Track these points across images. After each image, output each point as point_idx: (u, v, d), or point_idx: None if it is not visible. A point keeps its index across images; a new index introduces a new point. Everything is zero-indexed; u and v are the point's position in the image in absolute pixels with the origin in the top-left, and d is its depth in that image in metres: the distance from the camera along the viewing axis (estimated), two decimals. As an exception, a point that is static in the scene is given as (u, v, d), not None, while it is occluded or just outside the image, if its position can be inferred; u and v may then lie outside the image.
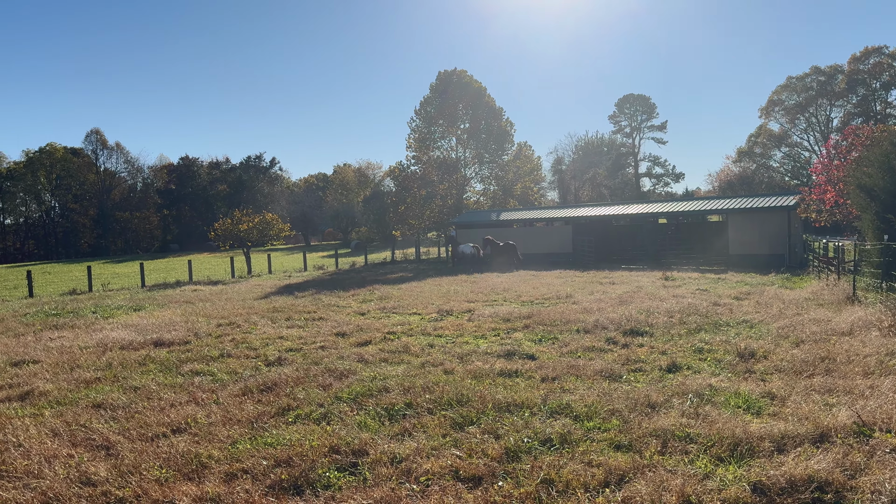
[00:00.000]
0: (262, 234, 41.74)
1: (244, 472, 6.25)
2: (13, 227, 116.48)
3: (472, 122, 50.56)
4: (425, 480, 5.88)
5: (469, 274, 30.98)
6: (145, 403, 8.86)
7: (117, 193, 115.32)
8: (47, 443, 7.37)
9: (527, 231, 40.54)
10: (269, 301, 21.47)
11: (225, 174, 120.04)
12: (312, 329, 14.97)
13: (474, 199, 54.32)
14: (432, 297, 20.81)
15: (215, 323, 16.40)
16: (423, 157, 51.39)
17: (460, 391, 8.52)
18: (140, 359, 11.96)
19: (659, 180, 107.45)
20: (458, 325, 14.58)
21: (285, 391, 9.16)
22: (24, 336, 15.63)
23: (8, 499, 5.84)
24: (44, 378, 10.68)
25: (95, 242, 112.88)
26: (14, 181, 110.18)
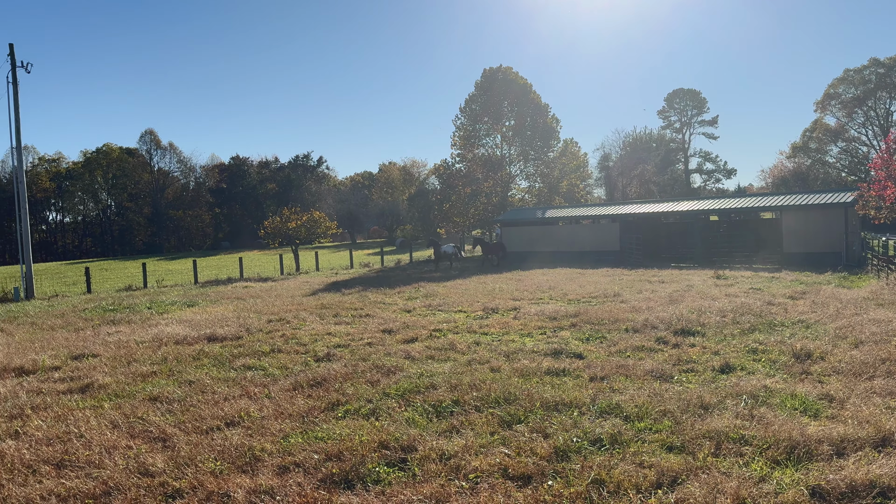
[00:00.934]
0: (310, 231, 42.36)
1: (296, 465, 6.36)
2: (72, 226, 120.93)
3: (518, 119, 50.28)
4: (474, 478, 5.88)
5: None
6: (200, 397, 9.09)
7: (171, 192, 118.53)
8: (107, 434, 7.63)
9: (573, 229, 40.15)
10: (317, 298, 21.77)
11: (274, 173, 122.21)
12: (360, 326, 15.13)
13: (519, 196, 54.04)
14: (477, 294, 20.79)
15: (266, 319, 16.72)
16: (468, 154, 51.34)
17: (507, 389, 8.50)
18: (194, 353, 12.28)
19: (710, 176, 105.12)
20: (503, 323, 14.54)
21: (334, 386, 9.29)
22: (84, 331, 16.20)
23: (72, 487, 6.07)
24: (103, 371, 11.06)
25: (150, 240, 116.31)
26: (73, 181, 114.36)
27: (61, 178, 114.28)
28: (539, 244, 39.61)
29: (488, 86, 50.36)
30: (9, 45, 30.12)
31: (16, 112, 30.24)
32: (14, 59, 30.17)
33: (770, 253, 32.09)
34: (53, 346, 13.83)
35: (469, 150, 51.26)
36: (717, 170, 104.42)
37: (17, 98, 30.22)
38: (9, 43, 31.06)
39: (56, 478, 6.35)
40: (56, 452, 7.04)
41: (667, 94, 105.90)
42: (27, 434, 7.77)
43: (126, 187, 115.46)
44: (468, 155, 51.28)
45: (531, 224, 41.52)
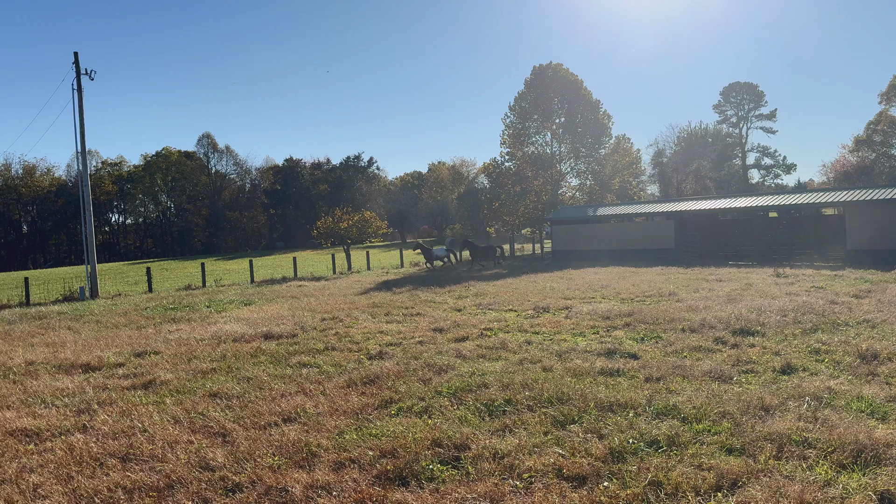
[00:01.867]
0: (361, 231, 42.83)
1: (351, 461, 6.45)
2: (133, 227, 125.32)
3: (568, 115, 49.73)
4: (528, 477, 5.86)
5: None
6: (257, 393, 9.31)
7: (227, 194, 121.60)
8: (169, 429, 7.88)
9: (625, 227, 39.53)
10: (368, 297, 22.01)
11: (326, 174, 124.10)
12: (411, 324, 15.23)
13: (569, 194, 53.43)
14: (528, 293, 20.68)
15: (319, 317, 16.99)
16: (518, 152, 51.05)
17: (560, 389, 8.43)
18: (251, 351, 12.57)
19: (768, 172, 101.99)
20: (555, 323, 14.42)
21: (387, 384, 9.37)
22: (146, 328, 16.77)
23: (137, 480, 6.28)
24: (164, 368, 11.42)
25: (208, 240, 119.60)
26: (134, 183, 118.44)
27: (123, 181, 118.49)
28: (590, 242, 39.14)
29: (538, 83, 49.96)
30: (74, 54, 31.37)
31: (80, 117, 31.48)
32: (79, 66, 31.41)
33: (832, 250, 30.93)
34: (117, 344, 14.35)
35: (518, 148, 50.97)
36: (776, 165, 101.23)
37: (82, 104, 31.45)
38: (74, 52, 32.33)
39: (122, 471, 6.58)
40: (121, 446, 7.30)
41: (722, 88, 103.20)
42: (94, 428, 8.08)
43: (185, 189, 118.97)
44: (517, 153, 51.00)
45: (582, 222, 41.04)
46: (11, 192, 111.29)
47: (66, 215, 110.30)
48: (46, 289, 34.12)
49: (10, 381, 11.09)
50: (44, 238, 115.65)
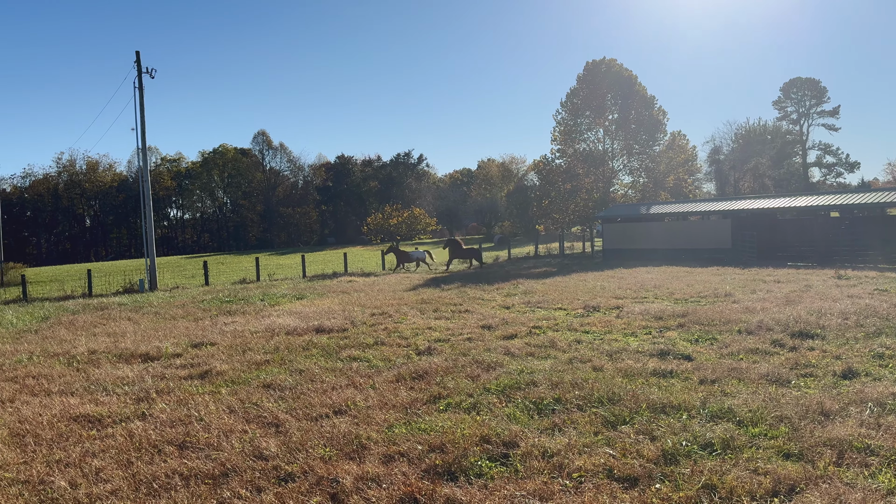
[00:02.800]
0: (410, 228, 43.21)
1: (401, 455, 6.50)
2: (191, 222, 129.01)
3: (622, 112, 48.94)
4: (578, 477, 5.80)
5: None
6: (309, 385, 9.47)
7: (281, 190, 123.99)
8: (224, 418, 8.08)
9: (679, 225, 38.71)
10: (417, 293, 22.13)
11: (376, 171, 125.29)
12: (459, 321, 15.25)
13: (622, 192, 52.61)
14: (578, 292, 20.46)
15: (369, 312, 17.17)
16: (569, 149, 50.49)
17: (611, 389, 8.32)
18: (303, 344, 12.80)
19: (830, 170, 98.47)
20: (606, 322, 14.23)
21: (436, 380, 9.41)
22: (202, 320, 17.24)
23: (193, 467, 6.47)
24: (220, 359, 11.72)
25: (262, 236, 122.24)
26: (192, 179, 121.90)
27: (181, 177, 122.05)
28: (643, 241, 38.45)
29: (591, 79, 49.32)
30: (135, 53, 32.45)
31: (141, 115, 32.54)
32: (140, 65, 32.47)
33: (899, 252, 29.64)
34: (175, 335, 14.79)
35: (569, 145, 50.40)
36: (839, 163, 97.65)
37: (143, 101, 32.51)
38: (135, 50, 33.45)
39: (179, 458, 6.78)
40: (178, 434, 7.53)
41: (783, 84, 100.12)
42: (152, 416, 8.35)
43: (240, 186, 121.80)
44: (568, 150, 50.44)
45: (634, 220, 40.37)
46: (75, 187, 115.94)
47: (127, 210, 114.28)
48: (108, 281, 35.41)
49: (74, 369, 11.55)
50: (105, 232, 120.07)
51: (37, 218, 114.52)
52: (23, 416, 8.50)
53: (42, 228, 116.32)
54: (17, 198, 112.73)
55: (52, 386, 10.26)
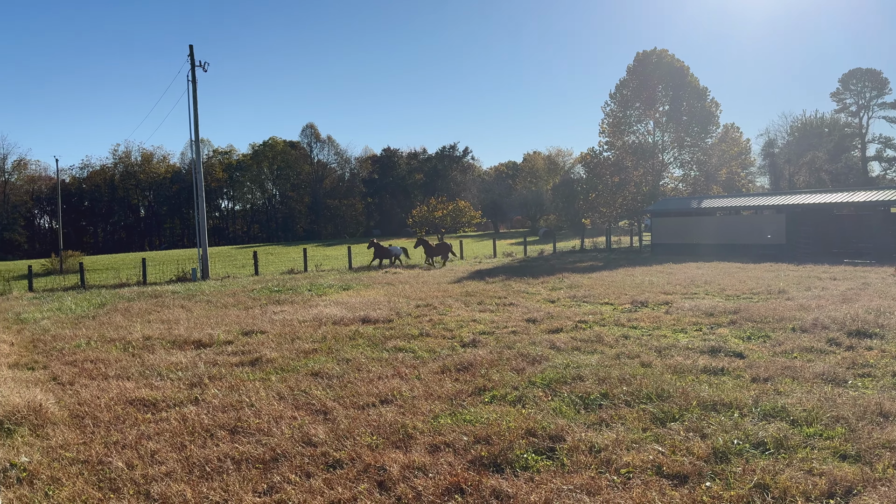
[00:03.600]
0: (455, 220, 43.22)
1: (446, 445, 6.53)
2: (241, 213, 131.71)
3: (673, 103, 47.90)
4: (626, 473, 5.73)
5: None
6: (356, 375, 9.59)
7: (328, 183, 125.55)
8: (274, 404, 8.24)
9: (731, 220, 37.76)
10: (461, 285, 22.15)
11: (422, 164, 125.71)
12: (504, 314, 15.21)
13: (672, 185, 51.56)
14: (625, 287, 20.17)
15: (414, 304, 17.27)
16: (617, 142, 49.70)
17: (660, 386, 8.18)
18: (350, 334, 12.96)
19: (891, 164, 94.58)
20: (654, 318, 14.00)
21: (480, 372, 9.42)
22: (252, 309, 17.60)
23: (244, 451, 6.62)
24: (269, 347, 11.96)
25: (309, 227, 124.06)
26: (242, 171, 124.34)
27: (232, 169, 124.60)
28: (693, 236, 37.65)
29: (641, 70, 48.40)
30: (189, 47, 33.19)
31: (195, 108, 33.30)
32: (193, 59, 33.20)
33: (966, 249, 28.35)
34: (226, 323, 15.14)
35: (618, 138, 49.60)
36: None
37: (196, 94, 33.26)
38: (189, 44, 34.28)
39: (230, 442, 6.95)
40: (230, 419, 7.71)
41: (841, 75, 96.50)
42: (205, 401, 8.58)
43: (289, 178, 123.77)
44: (617, 142, 49.64)
45: (685, 214, 39.55)
46: (131, 178, 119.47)
47: (180, 200, 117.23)
48: (162, 269, 36.43)
49: (130, 355, 11.94)
50: (159, 222, 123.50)
51: (94, 208, 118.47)
52: (82, 399, 8.83)
53: (99, 218, 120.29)
54: (75, 188, 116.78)
55: (109, 370, 10.62)
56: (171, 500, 5.53)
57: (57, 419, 7.95)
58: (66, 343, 13.38)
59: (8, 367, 11.22)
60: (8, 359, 12.01)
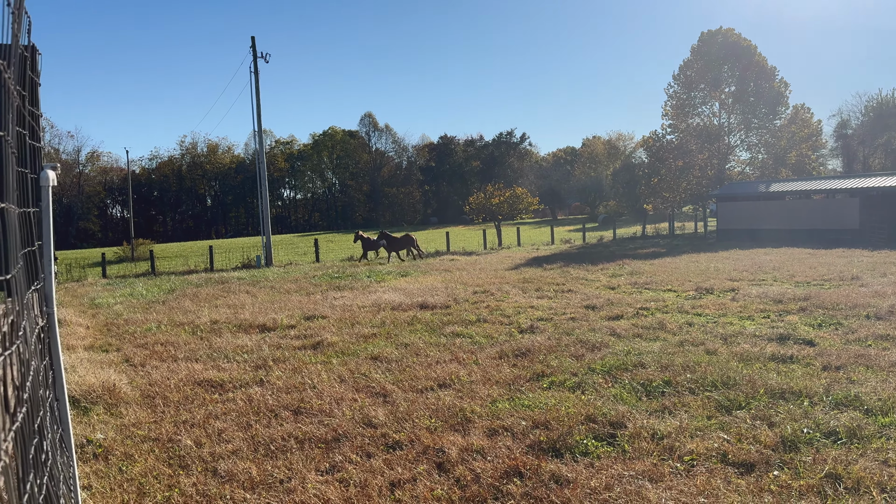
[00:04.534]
0: (512, 207, 42.87)
1: (504, 429, 6.52)
2: (302, 202, 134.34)
3: (739, 84, 46.25)
4: (689, 460, 5.60)
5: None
6: (414, 359, 9.67)
7: (386, 171, 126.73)
8: (335, 387, 8.40)
9: (801, 204, 36.32)
10: (518, 272, 22.04)
11: (478, 151, 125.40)
12: (562, 300, 15.06)
13: (738, 169, 49.91)
14: (689, 273, 19.68)
15: (471, 290, 17.29)
16: (681, 125, 48.36)
17: (725, 373, 7.96)
18: (408, 319, 13.08)
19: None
20: (719, 305, 13.61)
21: (538, 358, 9.36)
22: (314, 295, 17.96)
23: (307, 431, 6.77)
24: (330, 331, 12.18)
25: (367, 215, 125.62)
26: (303, 161, 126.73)
27: (294, 159, 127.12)
28: (760, 221, 36.40)
29: (706, 50, 46.89)
30: (251, 38, 33.88)
31: (257, 99, 34.03)
32: (255, 50, 33.88)
33: None
34: (289, 308, 15.50)
35: (682, 120, 48.24)
36: None
37: (258, 86, 33.96)
38: (251, 36, 34.90)
39: (294, 422, 7.12)
40: (293, 400, 7.90)
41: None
42: (269, 382, 8.81)
43: (348, 167, 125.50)
44: (681, 125, 48.30)
45: (752, 199, 38.26)
46: (197, 169, 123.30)
47: (244, 190, 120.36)
48: (227, 257, 37.54)
49: (198, 338, 12.36)
50: (225, 211, 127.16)
51: (163, 197, 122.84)
52: (153, 380, 9.20)
53: (168, 207, 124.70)
54: (145, 179, 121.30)
55: (179, 353, 11.02)
56: (238, 478, 5.71)
57: (129, 399, 8.30)
58: (137, 326, 13.96)
59: (84, 349, 11.78)
60: (84, 341, 12.60)
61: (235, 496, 5.33)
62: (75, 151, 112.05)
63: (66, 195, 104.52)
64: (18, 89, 2.27)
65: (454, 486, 5.36)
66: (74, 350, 11.54)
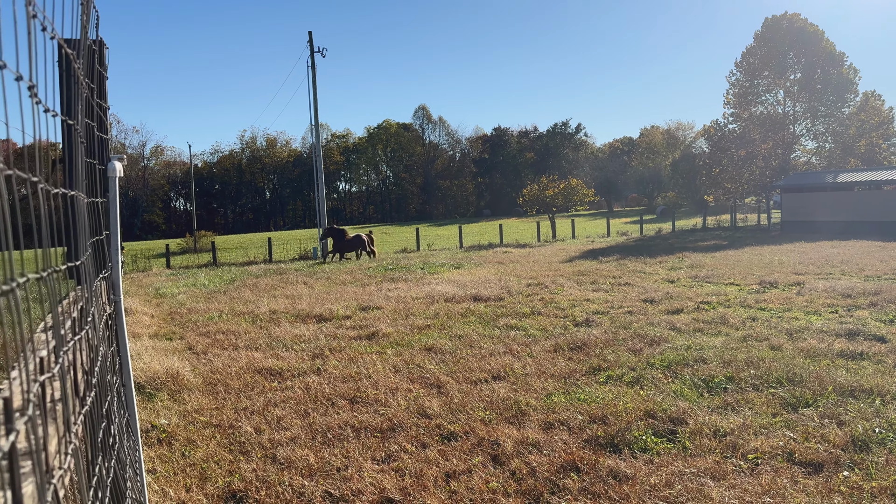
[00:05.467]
0: (567, 199, 42.40)
1: (560, 423, 6.44)
2: (357, 194, 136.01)
3: (805, 71, 44.47)
4: (754, 458, 5.42)
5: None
6: (468, 351, 9.66)
7: (439, 164, 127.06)
8: (391, 377, 8.46)
9: (872, 195, 34.75)
10: (573, 264, 21.77)
11: (532, 142, 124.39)
12: (618, 294, 14.80)
13: (804, 158, 48.07)
14: (752, 266, 19.07)
15: (525, 283, 17.16)
16: (744, 113, 46.81)
17: (791, 370, 7.67)
18: (461, 311, 13.07)
19: None
20: (784, 299, 13.14)
21: (595, 352, 9.22)
22: (369, 286, 18.14)
23: (363, 420, 6.84)
24: (385, 322, 12.28)
25: (421, 208, 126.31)
26: (358, 154, 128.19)
27: (349, 152, 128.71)
28: (828, 213, 35.00)
29: (770, 36, 45.23)
30: (308, 33, 34.37)
31: (314, 93, 34.52)
32: (312, 45, 34.36)
33: None
34: (345, 299, 15.70)
35: (745, 109, 46.69)
36: None
37: (315, 80, 34.45)
38: (308, 31, 35.35)
39: (350, 411, 7.20)
40: (349, 389, 7.99)
41: None
42: (326, 371, 8.94)
43: (402, 160, 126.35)
44: (743, 114, 46.75)
45: (818, 190, 36.81)
46: (256, 163, 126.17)
47: (301, 183, 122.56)
48: (285, 248, 38.30)
49: (258, 327, 12.64)
50: (283, 203, 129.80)
51: (223, 190, 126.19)
52: (214, 368, 9.45)
53: (228, 200, 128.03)
54: (206, 172, 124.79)
55: (239, 341, 11.30)
56: (296, 465, 5.80)
57: (192, 385, 8.55)
58: (200, 315, 14.36)
59: (149, 337, 12.19)
60: (149, 329, 13.05)
61: (294, 483, 5.42)
62: (140, 146, 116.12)
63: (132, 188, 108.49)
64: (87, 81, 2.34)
65: (510, 478, 5.32)
66: (140, 338, 11.96)
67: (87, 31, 2.34)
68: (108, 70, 3.47)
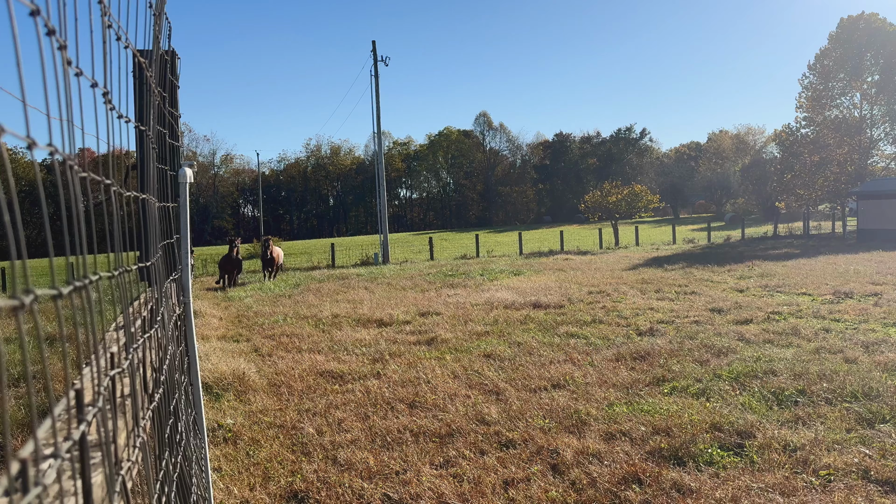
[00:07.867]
0: (630, 205, 41.60)
1: (622, 434, 6.31)
2: (417, 201, 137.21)
3: (884, 73, 42.39)
4: (826, 475, 5.18)
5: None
6: (527, 358, 9.58)
7: (500, 170, 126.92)
8: (449, 383, 8.48)
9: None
10: (637, 272, 21.34)
11: (595, 148, 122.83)
12: (684, 303, 14.42)
13: (882, 164, 45.80)
14: (826, 276, 18.28)
15: (586, 290, 16.92)
16: (817, 117, 44.96)
17: (867, 384, 7.31)
18: (521, 318, 12.99)
19: None
20: (861, 310, 12.53)
21: (658, 362, 9.00)
22: (428, 292, 18.25)
23: (421, 425, 6.87)
24: (444, 328, 12.32)
25: (481, 214, 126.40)
26: (419, 161, 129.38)
27: (410, 160, 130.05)
28: (908, 220, 33.22)
29: (846, 37, 43.35)
30: (371, 43, 34.94)
31: (377, 101, 35.03)
32: (376, 54, 34.89)
33: None
34: (405, 304, 15.83)
35: (818, 113, 44.84)
36: None
37: (378, 89, 34.96)
38: (371, 40, 35.93)
39: (409, 415, 7.25)
40: (408, 394, 8.05)
41: None
42: (386, 376, 9.03)
43: (462, 166, 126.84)
44: (817, 118, 44.90)
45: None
46: (321, 170, 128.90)
47: (364, 190, 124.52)
48: (347, 254, 38.93)
49: (321, 331, 12.88)
50: (345, 210, 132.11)
51: (289, 197, 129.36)
52: (279, 369, 9.67)
53: (293, 207, 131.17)
54: (273, 180, 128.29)
55: (303, 344, 11.53)
56: (356, 467, 5.87)
57: (257, 387, 8.77)
58: (265, 319, 14.74)
59: (217, 339, 12.58)
60: (217, 332, 13.47)
61: (353, 484, 5.49)
62: (211, 154, 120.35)
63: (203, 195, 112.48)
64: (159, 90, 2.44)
65: (569, 488, 5.24)
66: (208, 340, 12.36)
67: (160, 41, 2.45)
68: (179, 80, 3.62)
